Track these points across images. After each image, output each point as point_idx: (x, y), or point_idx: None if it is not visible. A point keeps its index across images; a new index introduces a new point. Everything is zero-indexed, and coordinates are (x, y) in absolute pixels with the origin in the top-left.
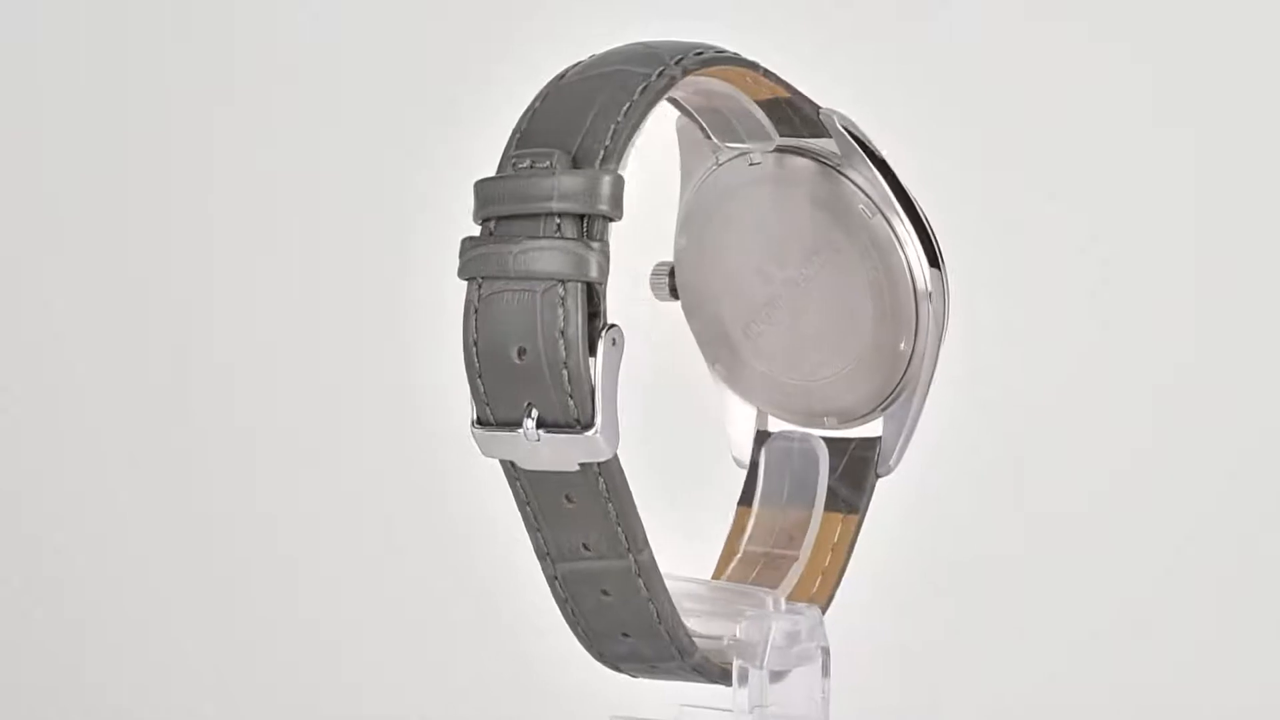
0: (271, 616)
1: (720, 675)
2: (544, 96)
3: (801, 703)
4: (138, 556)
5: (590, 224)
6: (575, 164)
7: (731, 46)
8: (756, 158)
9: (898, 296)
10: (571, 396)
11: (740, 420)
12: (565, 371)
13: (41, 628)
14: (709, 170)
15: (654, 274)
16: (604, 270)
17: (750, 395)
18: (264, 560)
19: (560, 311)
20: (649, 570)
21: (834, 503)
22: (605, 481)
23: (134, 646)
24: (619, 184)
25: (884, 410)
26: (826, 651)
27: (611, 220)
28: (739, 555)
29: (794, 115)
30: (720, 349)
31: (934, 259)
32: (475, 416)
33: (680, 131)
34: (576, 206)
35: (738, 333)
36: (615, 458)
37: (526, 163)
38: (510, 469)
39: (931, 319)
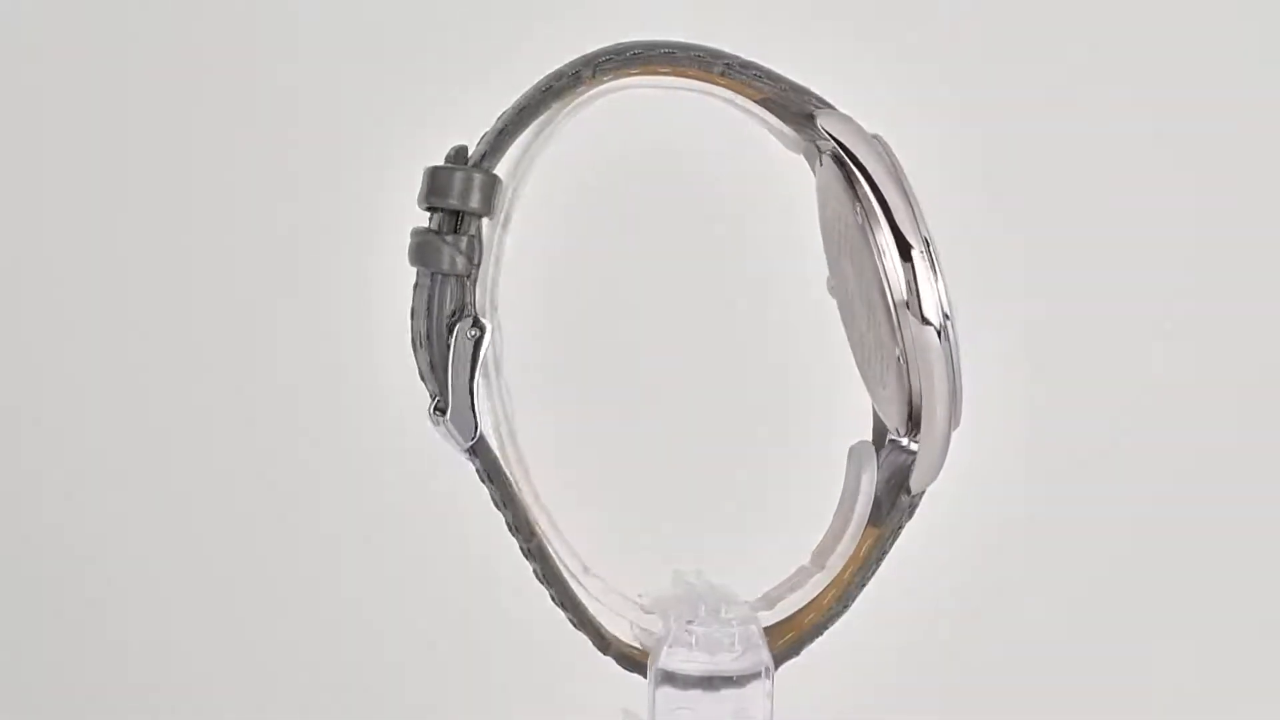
0: (283, 617)
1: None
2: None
3: (738, 714)
4: (114, 552)
5: (461, 220)
6: (468, 161)
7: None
8: (821, 160)
9: (886, 305)
10: (438, 383)
11: (877, 426)
12: (430, 359)
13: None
14: (811, 173)
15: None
16: (466, 265)
17: (876, 400)
18: (278, 560)
19: (426, 301)
20: (539, 558)
21: (876, 515)
22: (482, 467)
23: (104, 641)
24: (489, 182)
25: (917, 426)
26: (769, 669)
27: (481, 216)
28: (802, 564)
29: (789, 114)
30: (857, 351)
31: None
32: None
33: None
34: (452, 203)
35: (855, 337)
36: (484, 445)
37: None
38: None
39: (929, 342)
